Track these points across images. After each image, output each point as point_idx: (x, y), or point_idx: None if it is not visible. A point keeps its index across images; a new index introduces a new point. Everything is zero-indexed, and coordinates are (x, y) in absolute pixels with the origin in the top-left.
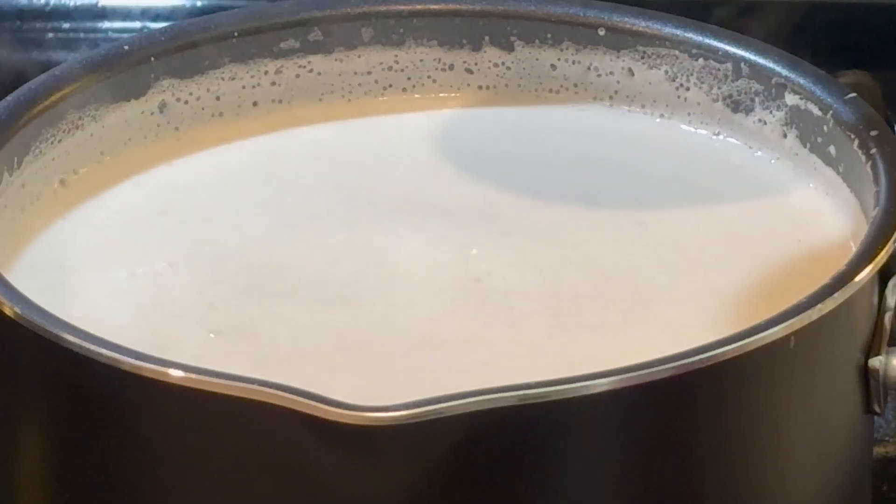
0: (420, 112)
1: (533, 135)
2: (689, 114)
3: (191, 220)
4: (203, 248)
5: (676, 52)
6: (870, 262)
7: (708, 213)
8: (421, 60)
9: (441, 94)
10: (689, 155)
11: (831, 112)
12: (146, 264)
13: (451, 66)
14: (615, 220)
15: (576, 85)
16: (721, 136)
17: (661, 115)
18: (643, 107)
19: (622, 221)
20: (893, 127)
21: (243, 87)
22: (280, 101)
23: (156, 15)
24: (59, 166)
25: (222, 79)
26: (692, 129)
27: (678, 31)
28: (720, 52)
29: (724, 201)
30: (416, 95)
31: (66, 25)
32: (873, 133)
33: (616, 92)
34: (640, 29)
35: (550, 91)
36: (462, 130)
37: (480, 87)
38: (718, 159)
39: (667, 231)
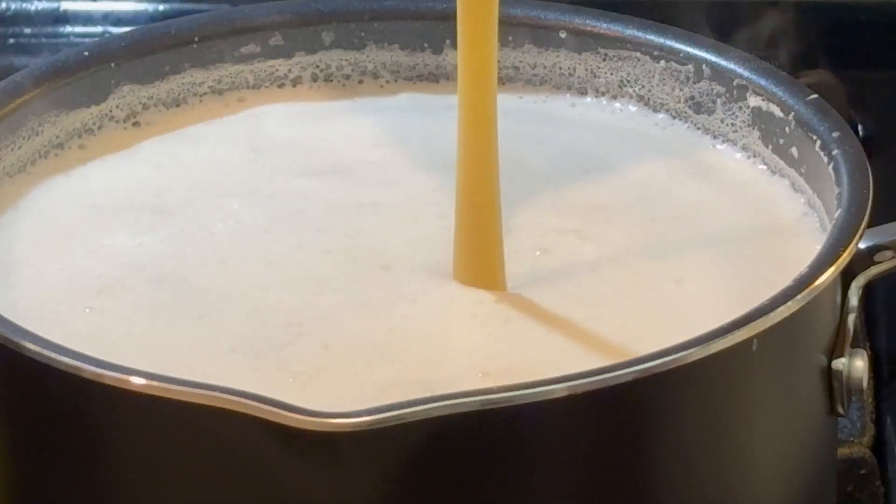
0: (382, 113)
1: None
2: (654, 112)
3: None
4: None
5: (638, 55)
6: (832, 265)
7: (674, 211)
8: (382, 63)
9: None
10: (655, 150)
11: (793, 114)
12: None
13: (413, 68)
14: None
15: (538, 83)
16: (686, 135)
17: (622, 111)
18: (607, 101)
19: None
20: (856, 128)
21: (204, 93)
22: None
23: (117, 20)
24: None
25: (183, 84)
26: (658, 129)
27: (639, 34)
28: (682, 54)
29: (692, 201)
30: (383, 97)
31: (27, 30)
32: (835, 134)
33: (579, 88)
34: (602, 31)
35: (512, 87)
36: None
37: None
38: (684, 158)
39: (637, 223)
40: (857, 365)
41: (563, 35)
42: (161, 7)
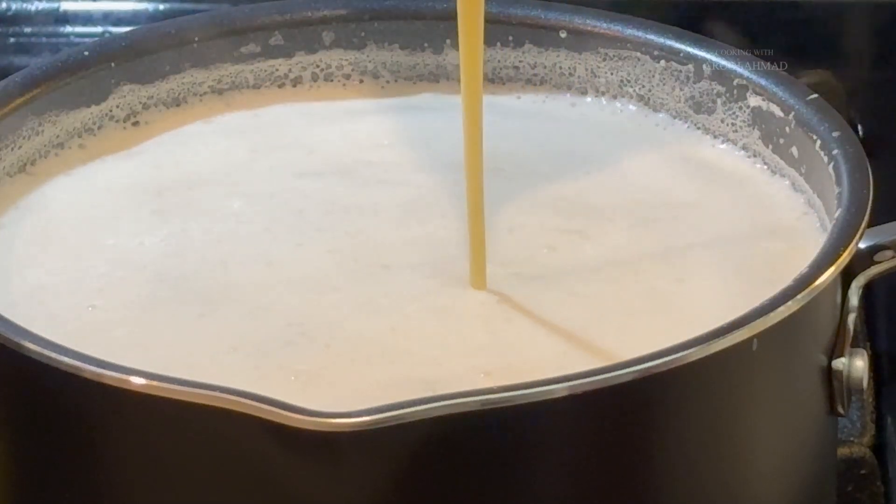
0: (382, 113)
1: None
2: (654, 112)
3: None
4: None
5: (638, 54)
6: (832, 265)
7: (674, 211)
8: (382, 63)
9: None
10: (655, 150)
11: (793, 113)
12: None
13: (413, 68)
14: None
15: (538, 83)
16: (686, 135)
17: (622, 111)
18: (607, 101)
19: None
20: (856, 128)
21: (204, 93)
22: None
23: (117, 20)
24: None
25: (183, 84)
26: (658, 129)
27: (640, 33)
28: (682, 54)
29: (692, 201)
30: (383, 97)
31: (27, 30)
32: (835, 134)
33: (579, 88)
34: (602, 31)
35: (512, 87)
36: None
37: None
38: (684, 158)
39: (637, 223)
40: (857, 365)
41: (563, 35)
42: (161, 7)
